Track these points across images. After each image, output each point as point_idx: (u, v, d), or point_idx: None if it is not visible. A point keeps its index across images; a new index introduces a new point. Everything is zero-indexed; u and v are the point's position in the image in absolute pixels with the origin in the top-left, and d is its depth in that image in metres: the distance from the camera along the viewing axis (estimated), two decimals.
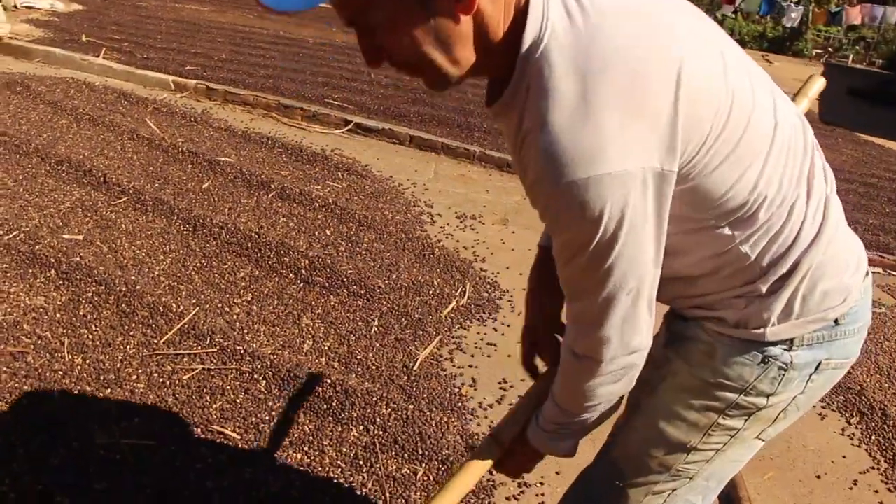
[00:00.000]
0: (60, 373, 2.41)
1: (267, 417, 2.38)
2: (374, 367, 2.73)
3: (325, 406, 2.46)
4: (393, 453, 2.32)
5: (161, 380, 2.47)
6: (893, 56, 24.29)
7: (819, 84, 1.55)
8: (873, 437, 2.84)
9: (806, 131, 1.12)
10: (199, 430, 2.28)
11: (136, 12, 9.46)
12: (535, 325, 1.38)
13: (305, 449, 2.28)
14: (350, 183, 4.40)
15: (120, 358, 2.53)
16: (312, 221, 3.78)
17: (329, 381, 2.54)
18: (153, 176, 4.04)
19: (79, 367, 2.45)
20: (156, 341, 2.64)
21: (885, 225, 5.56)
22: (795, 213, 1.07)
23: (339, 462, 2.25)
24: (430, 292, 3.31)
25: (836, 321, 1.13)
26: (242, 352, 2.64)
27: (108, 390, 2.38)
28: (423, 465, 2.30)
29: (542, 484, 2.30)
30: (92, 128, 4.64)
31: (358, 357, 2.77)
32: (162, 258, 3.22)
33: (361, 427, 2.40)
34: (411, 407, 2.52)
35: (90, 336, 2.61)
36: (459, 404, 2.64)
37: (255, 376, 2.55)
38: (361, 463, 2.26)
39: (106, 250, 3.20)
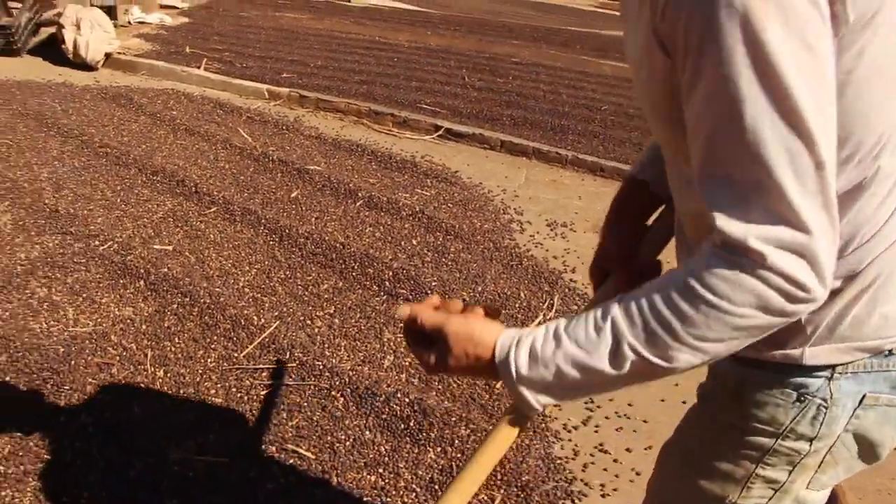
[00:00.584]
0: (142, 386, 2.43)
1: (343, 436, 2.32)
2: (454, 385, 2.63)
3: (402, 426, 2.38)
4: None
5: (239, 395, 2.45)
6: None
7: None
8: None
9: None
10: (273, 448, 2.24)
11: (238, 22, 9.73)
12: (611, 249, 1.21)
13: (380, 471, 2.21)
14: (439, 190, 4.32)
15: (200, 371, 2.53)
16: (399, 231, 3.73)
17: (408, 399, 2.47)
18: (243, 185, 4.08)
19: (160, 380, 2.47)
20: (236, 355, 2.64)
21: None
22: (886, 205, 0.88)
23: (413, 485, 2.17)
24: (517, 305, 3.19)
25: (890, 351, 0.94)
26: (321, 367, 2.59)
27: (187, 404, 2.37)
28: (502, 490, 2.19)
29: None
30: (188, 138, 4.75)
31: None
32: (247, 269, 3.23)
33: (439, 449, 2.31)
34: (491, 428, 2.41)
35: (173, 349, 2.63)
36: (542, 426, 2.52)
37: (333, 393, 2.50)
38: (437, 487, 2.16)
39: (194, 261, 3.24)
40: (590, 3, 20.41)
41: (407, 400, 2.46)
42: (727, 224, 0.77)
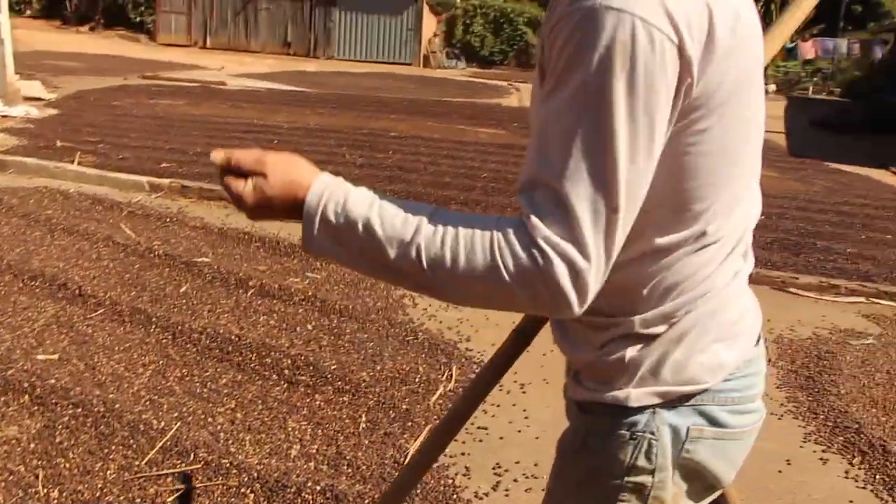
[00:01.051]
0: None
1: None
2: (364, 467, 2.65)
3: None
4: None
5: None
6: (849, 84, 25.71)
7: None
8: (878, 477, 2.84)
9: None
10: None
11: (111, 111, 9.56)
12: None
13: None
14: (329, 273, 4.37)
15: (99, 486, 2.45)
16: (293, 317, 3.74)
17: (319, 487, 2.47)
18: (129, 284, 4.00)
19: (55, 502, 2.37)
20: (137, 463, 2.57)
21: (863, 252, 5.61)
22: (709, 265, 1.03)
23: None
24: (417, 380, 3.26)
25: (705, 389, 1.06)
26: (228, 465, 2.56)
27: None
28: None
29: None
30: (66, 238, 4.62)
31: (347, 457, 2.70)
32: (141, 371, 3.15)
33: None
34: None
35: (67, 465, 2.53)
36: (454, 496, 2.57)
37: (243, 490, 2.47)
38: None
39: (83, 368, 3.14)
40: (462, 74, 21.20)
41: (318, 488, 2.46)
42: (535, 222, 0.88)
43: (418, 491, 2.54)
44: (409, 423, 2.93)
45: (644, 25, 0.84)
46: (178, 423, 2.78)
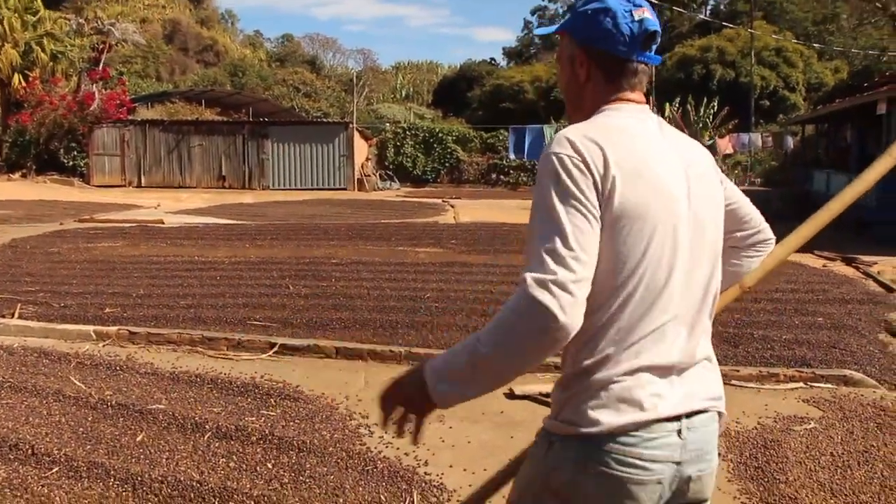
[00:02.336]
0: None
1: None
2: None
3: None
4: None
5: None
6: (767, 173, 27.51)
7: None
8: None
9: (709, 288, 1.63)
10: None
11: (49, 259, 9.55)
12: None
13: None
14: (284, 409, 4.44)
15: None
16: (252, 457, 3.78)
17: None
18: (84, 438, 3.99)
19: None
20: None
21: (798, 337, 5.93)
22: (615, 342, 1.49)
23: None
24: None
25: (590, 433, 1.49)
26: None
27: None
28: None
29: None
30: (14, 395, 4.58)
31: None
32: None
33: None
34: None
35: None
36: None
37: None
38: None
39: None
40: (397, 194, 21.77)
41: None
42: (522, 272, 1.42)
43: None
44: None
45: (567, 156, 1.48)
46: None
